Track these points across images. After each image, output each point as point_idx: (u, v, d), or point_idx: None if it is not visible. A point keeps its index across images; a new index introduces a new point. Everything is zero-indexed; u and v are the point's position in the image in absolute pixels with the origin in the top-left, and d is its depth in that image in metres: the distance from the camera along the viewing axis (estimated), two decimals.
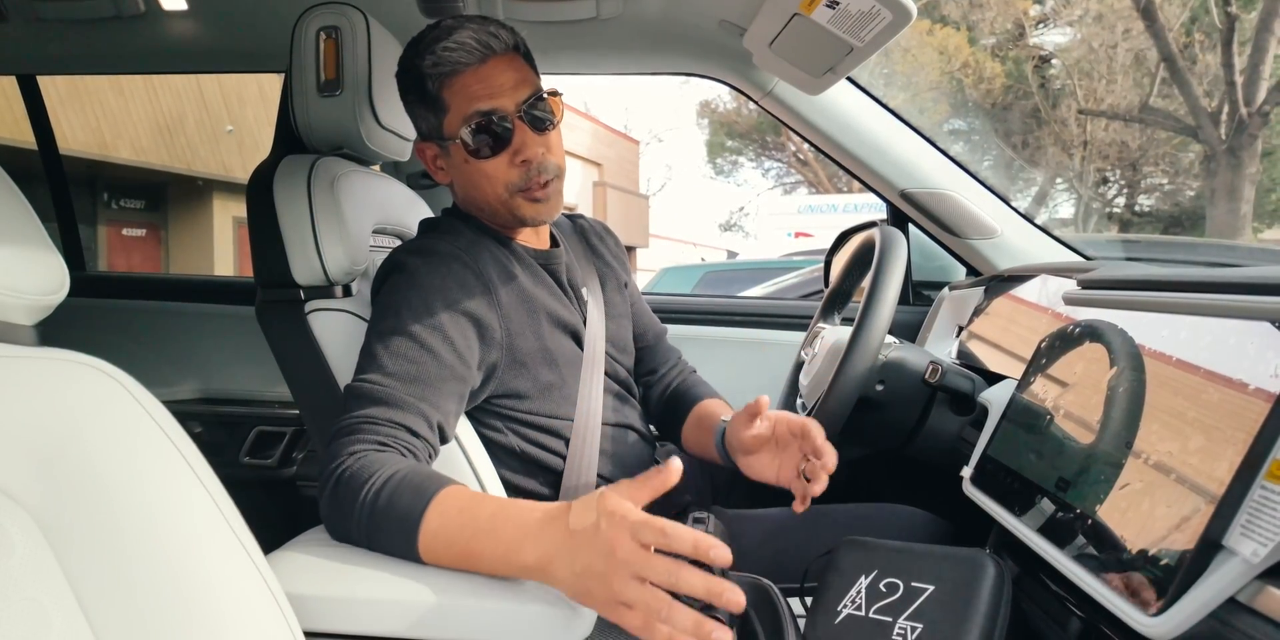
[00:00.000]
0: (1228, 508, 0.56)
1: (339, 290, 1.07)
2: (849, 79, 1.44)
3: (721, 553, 0.61)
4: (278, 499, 1.79)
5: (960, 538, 1.04)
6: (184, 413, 0.60)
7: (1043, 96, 15.32)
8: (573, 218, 1.28)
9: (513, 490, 1.05)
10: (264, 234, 1.05)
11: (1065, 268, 1.11)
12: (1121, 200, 16.31)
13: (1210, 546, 0.56)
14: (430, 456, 0.89)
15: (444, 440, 0.92)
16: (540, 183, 1.01)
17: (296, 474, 1.79)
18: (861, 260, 1.26)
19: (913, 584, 0.78)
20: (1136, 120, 13.49)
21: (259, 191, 1.05)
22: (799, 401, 1.24)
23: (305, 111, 1.10)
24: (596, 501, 0.67)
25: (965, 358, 1.26)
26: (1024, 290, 1.20)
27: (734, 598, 0.60)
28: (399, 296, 0.96)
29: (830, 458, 0.89)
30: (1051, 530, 0.74)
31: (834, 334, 1.17)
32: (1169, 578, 0.57)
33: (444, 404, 0.91)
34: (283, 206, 1.04)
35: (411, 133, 1.22)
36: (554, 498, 1.06)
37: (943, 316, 1.48)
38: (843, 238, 1.69)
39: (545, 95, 1.01)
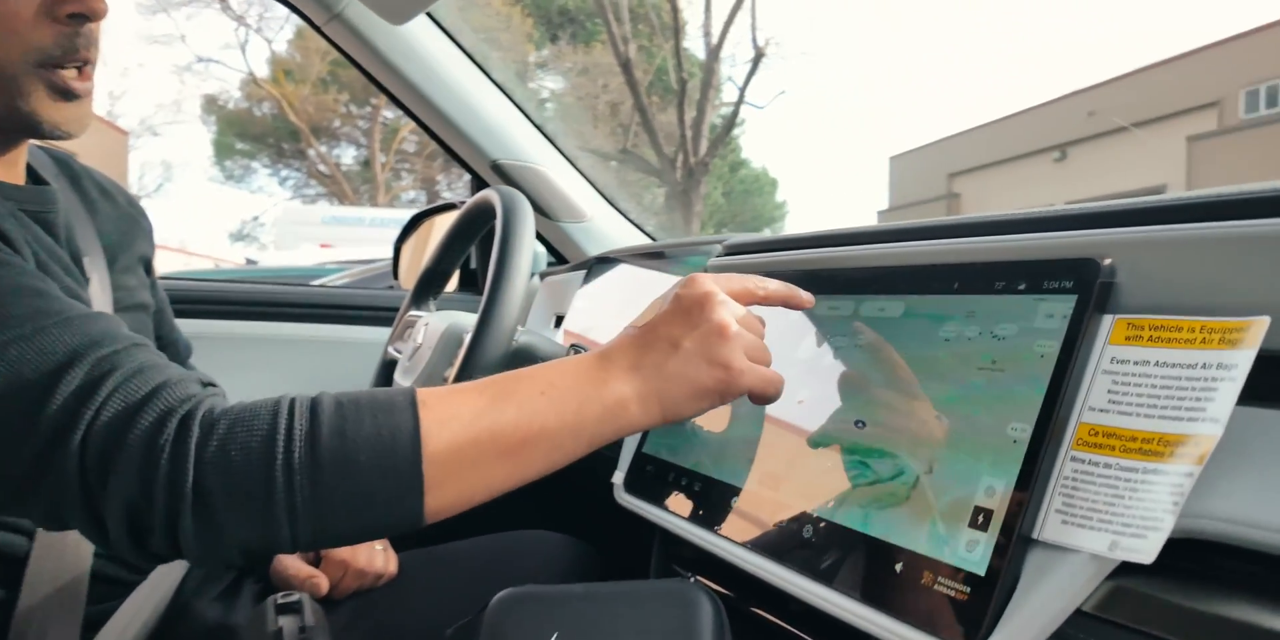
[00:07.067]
0: (1036, 494, 0.45)
1: None
2: (437, 23, 1.20)
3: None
4: None
5: (613, 567, 0.86)
6: None
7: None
8: (52, 154, 0.81)
9: None
10: None
11: (692, 242, 1.02)
12: None
13: (1023, 543, 0.45)
14: None
15: None
16: (84, 59, 0.63)
17: None
18: (464, 232, 1.02)
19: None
20: (617, 160, 15.57)
21: None
22: None
23: None
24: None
25: (576, 348, 1.11)
26: (638, 271, 1.09)
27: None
28: None
29: None
30: (768, 544, 0.60)
31: (441, 320, 0.91)
32: (980, 594, 0.45)
33: None
34: None
35: None
36: None
37: (536, 306, 1.32)
38: (416, 220, 1.44)
39: None
